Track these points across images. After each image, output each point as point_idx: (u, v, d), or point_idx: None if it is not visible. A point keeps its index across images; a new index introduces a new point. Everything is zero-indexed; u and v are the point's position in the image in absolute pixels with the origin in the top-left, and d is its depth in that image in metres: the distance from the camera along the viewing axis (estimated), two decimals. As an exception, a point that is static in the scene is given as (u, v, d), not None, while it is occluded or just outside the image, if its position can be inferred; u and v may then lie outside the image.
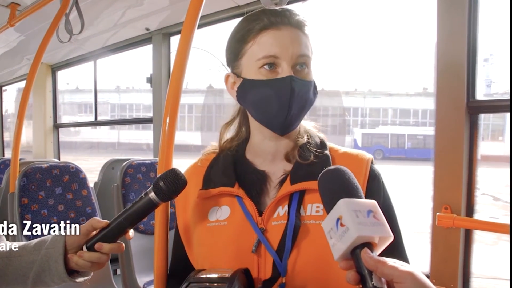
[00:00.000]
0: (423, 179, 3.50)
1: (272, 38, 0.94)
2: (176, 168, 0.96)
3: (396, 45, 47.56)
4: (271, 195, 0.99)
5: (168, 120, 1.33)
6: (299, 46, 0.94)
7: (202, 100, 30.29)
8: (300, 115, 0.98)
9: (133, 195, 2.61)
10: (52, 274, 0.99)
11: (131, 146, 29.57)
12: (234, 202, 0.98)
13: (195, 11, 1.37)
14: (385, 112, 32.83)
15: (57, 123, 4.68)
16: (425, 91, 32.59)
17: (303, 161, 0.98)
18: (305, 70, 0.96)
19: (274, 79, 0.94)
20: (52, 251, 0.99)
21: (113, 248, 0.96)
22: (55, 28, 2.24)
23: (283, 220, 0.93)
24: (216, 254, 0.96)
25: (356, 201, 0.70)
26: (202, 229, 1.01)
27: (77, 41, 3.20)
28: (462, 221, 1.73)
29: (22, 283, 1.02)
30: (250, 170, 1.03)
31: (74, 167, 2.33)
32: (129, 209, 0.95)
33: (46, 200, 2.17)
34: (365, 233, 0.67)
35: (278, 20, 0.94)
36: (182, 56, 1.35)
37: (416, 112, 32.17)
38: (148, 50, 3.28)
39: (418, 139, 28.85)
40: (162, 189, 0.93)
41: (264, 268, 0.92)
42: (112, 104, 33.06)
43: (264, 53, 0.94)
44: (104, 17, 2.98)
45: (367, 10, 49.18)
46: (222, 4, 2.59)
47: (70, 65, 4.39)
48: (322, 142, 1.04)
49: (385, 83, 43.36)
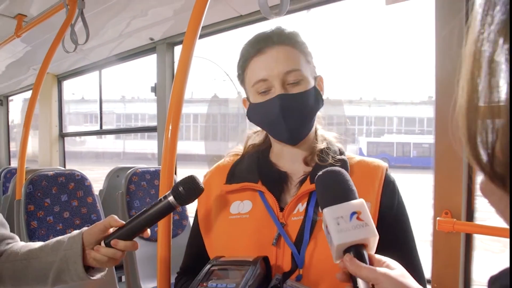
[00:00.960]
0: (429, 188, 3.51)
1: (259, 63, 1.02)
2: (195, 175, 1.02)
3: (401, 54, 47.56)
4: (291, 193, 1.05)
5: (171, 128, 1.36)
6: (285, 63, 1.00)
7: (206, 110, 30.40)
8: (303, 124, 1.04)
9: (138, 203, 2.64)
10: (71, 274, 1.04)
11: (136, 155, 29.70)
12: (256, 197, 1.05)
13: (196, 21, 1.41)
14: (390, 121, 32.81)
15: (62, 132, 4.73)
16: (430, 100, 32.56)
17: (322, 163, 1.04)
18: (299, 84, 1.01)
19: (265, 101, 1.02)
20: (71, 252, 1.04)
21: (128, 246, 1.01)
22: (61, 38, 2.28)
23: (301, 216, 0.99)
24: (237, 245, 1.02)
25: (339, 207, 0.73)
26: (223, 221, 1.07)
27: (82, 51, 3.25)
28: (462, 225, 1.74)
29: (43, 282, 1.07)
30: (272, 170, 1.09)
31: (80, 174, 2.36)
32: (148, 210, 1.01)
33: (52, 207, 2.20)
34: (344, 240, 0.70)
35: (262, 44, 1.02)
36: (184, 65, 1.39)
37: (421, 121, 32.14)
38: (152, 60, 3.32)
39: (424, 147, 28.77)
40: (180, 194, 0.99)
41: (283, 260, 0.97)
42: (117, 114, 33.26)
43: (254, 79, 1.02)
44: (109, 28, 3.03)
45: (373, 20, 49.31)
46: (224, 14, 2.63)
47: (76, 75, 4.45)
48: (340, 150, 1.10)
49: (390, 91, 43.36)
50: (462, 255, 1.79)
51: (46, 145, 4.59)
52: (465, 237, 1.80)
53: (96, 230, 1.04)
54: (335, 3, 2.26)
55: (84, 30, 2.40)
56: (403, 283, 0.68)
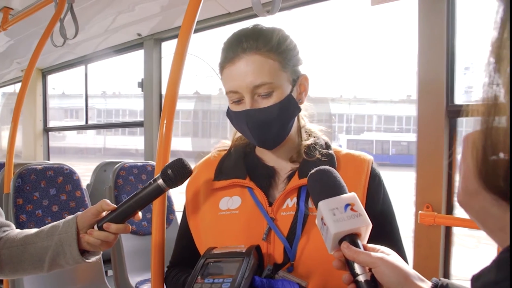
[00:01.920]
0: (408, 185, 3.59)
1: (229, 74, 1.00)
2: (183, 158, 1.03)
3: (381, 53, 48.07)
4: (279, 189, 1.06)
5: (165, 123, 1.37)
6: (254, 76, 0.96)
7: (188, 106, 30.19)
8: (275, 135, 1.02)
9: (125, 197, 2.64)
10: (67, 257, 1.07)
11: (117, 151, 29.37)
12: (245, 193, 1.06)
13: (191, 16, 1.42)
14: (370, 119, 33.12)
15: (47, 126, 4.69)
16: (409, 98, 33.04)
17: (309, 158, 1.05)
18: (270, 96, 0.98)
19: (235, 112, 1.02)
20: (65, 236, 1.06)
21: (120, 228, 1.04)
22: (50, 32, 2.27)
23: (291, 211, 1.00)
24: (227, 241, 1.02)
25: (334, 199, 0.78)
26: (212, 217, 1.07)
27: (68, 45, 3.23)
28: (442, 218, 1.82)
29: (39, 267, 1.09)
30: (259, 165, 1.10)
31: (68, 168, 2.36)
32: (139, 194, 1.03)
33: (40, 201, 2.20)
34: (341, 229, 0.75)
35: (231, 54, 0.98)
36: (179, 61, 1.40)
37: (400, 119, 32.53)
38: (135, 56, 3.33)
39: (402, 145, 29.17)
40: (169, 176, 1.01)
41: (274, 254, 0.98)
42: (98, 110, 32.82)
43: (226, 89, 1.02)
44: (96, 22, 3.02)
45: (355, 20, 49.65)
46: (213, 11, 2.65)
47: (61, 70, 4.41)
48: (327, 144, 1.11)
49: (370, 90, 43.82)
50: (442, 247, 1.87)
51: (30, 140, 4.54)
52: (445, 230, 1.88)
53: (89, 214, 1.07)
54: (325, 1, 2.30)
55: (71, 24, 2.40)
56: (399, 266, 0.73)
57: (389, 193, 1.08)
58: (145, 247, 2.66)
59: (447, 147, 1.85)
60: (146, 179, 2.83)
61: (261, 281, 0.88)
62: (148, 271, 2.62)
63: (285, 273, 0.95)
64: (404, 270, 0.72)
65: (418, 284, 0.71)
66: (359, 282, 0.73)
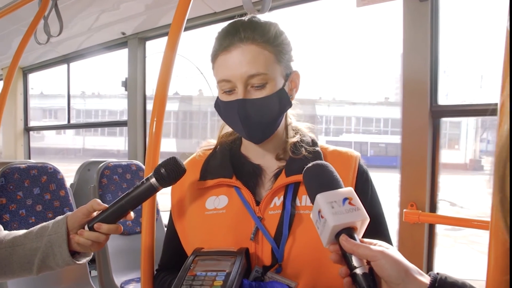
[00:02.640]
0: (387, 186, 3.64)
1: (223, 62, 0.98)
2: (176, 157, 1.01)
3: (360, 56, 48.64)
4: (266, 187, 1.05)
5: (155, 122, 1.36)
6: (250, 65, 0.95)
7: (168, 106, 29.94)
8: (265, 128, 1.01)
9: (110, 196, 2.63)
10: (56, 259, 1.04)
11: (97, 152, 28.94)
12: (231, 192, 1.04)
13: (181, 14, 1.41)
14: (348, 121, 33.39)
15: (28, 126, 4.61)
16: (387, 101, 33.46)
17: (295, 156, 1.03)
18: (263, 87, 0.97)
19: (226, 102, 1.00)
20: (55, 237, 1.03)
21: (111, 229, 1.00)
22: (34, 30, 2.23)
23: (279, 210, 0.99)
24: (215, 240, 1.00)
25: (332, 193, 0.78)
26: (199, 217, 1.05)
27: (50, 43, 3.18)
28: (426, 216, 1.86)
29: (28, 270, 1.06)
30: (246, 163, 1.08)
31: (52, 167, 2.32)
32: (131, 193, 1.00)
33: (24, 200, 2.16)
34: (340, 222, 0.75)
35: (227, 42, 0.97)
36: (168, 60, 1.39)
37: (378, 121, 32.90)
38: (115, 56, 3.30)
39: (380, 147, 29.54)
40: (163, 175, 0.98)
41: (262, 254, 0.97)
42: (77, 110, 32.28)
43: (218, 78, 1.00)
44: (79, 20, 2.98)
45: (334, 23, 50.09)
46: (198, 11, 2.64)
47: (42, 68, 4.34)
48: (313, 141, 1.09)
49: (348, 92, 44.25)
50: (426, 245, 1.92)
51: (10, 139, 4.45)
52: (428, 228, 1.92)
53: (79, 214, 1.03)
54: (315, 1, 2.32)
55: (53, 22, 2.36)
56: (399, 260, 0.72)
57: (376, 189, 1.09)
58: (130, 246, 2.64)
59: (431, 146, 1.89)
60: (131, 179, 2.81)
61: (250, 284, 0.88)
62: (133, 271, 2.60)
63: (273, 274, 0.94)
64: (405, 264, 0.72)
65: (418, 278, 0.71)
66: (357, 275, 0.73)
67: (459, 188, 16.59)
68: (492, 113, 0.44)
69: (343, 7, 32.85)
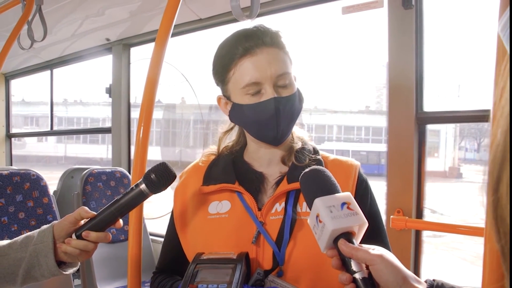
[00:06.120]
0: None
1: (250, 65, 1.00)
2: (166, 162, 0.99)
3: (342, 65, 49.24)
4: (268, 194, 1.07)
5: (142, 129, 1.35)
6: (277, 65, 0.99)
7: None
8: (290, 127, 1.05)
9: (94, 203, 2.59)
10: (42, 269, 0.99)
11: (79, 160, 28.47)
12: (234, 197, 1.06)
13: (169, 21, 1.41)
14: (330, 129, 33.62)
15: (10, 132, 4.53)
16: (368, 109, 33.86)
17: (299, 163, 1.05)
18: (287, 87, 1.02)
19: (259, 102, 1.00)
20: (41, 246, 0.99)
21: (100, 237, 0.97)
22: (17, 35, 2.20)
23: (280, 215, 1.01)
24: (216, 244, 1.02)
25: (331, 197, 0.79)
26: (201, 221, 1.07)
27: (33, 49, 3.14)
28: (413, 222, 1.87)
29: (12, 281, 1.01)
30: (248, 171, 1.10)
31: (35, 174, 2.27)
32: (120, 200, 0.97)
33: (6, 208, 2.10)
34: (339, 226, 0.75)
35: (252, 44, 1.00)
36: (155, 66, 1.38)
37: (359, 129, 33.21)
38: (97, 62, 3.27)
39: (362, 155, 29.80)
40: (153, 181, 0.96)
41: (263, 258, 0.99)
42: (59, 117, 31.76)
43: (245, 82, 1.00)
44: (63, 26, 2.94)
45: (315, 32, 50.71)
46: (184, 17, 2.63)
47: (25, 74, 4.29)
48: (315, 149, 1.12)
49: (330, 100, 44.67)
50: (413, 251, 1.93)
51: (-9, 146, 4.36)
52: (415, 235, 1.94)
53: (66, 222, 0.99)
54: (303, 8, 2.35)
55: (36, 27, 2.32)
56: (398, 266, 0.73)
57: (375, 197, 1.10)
58: (114, 255, 2.59)
59: (417, 153, 1.91)
60: (115, 186, 2.77)
61: None
62: (117, 280, 2.56)
63: (274, 278, 0.95)
64: (403, 270, 0.73)
65: (415, 285, 0.72)
66: (356, 280, 0.73)
67: (440, 195, 16.82)
68: (481, 119, 0.42)
69: (325, 17, 33.24)
